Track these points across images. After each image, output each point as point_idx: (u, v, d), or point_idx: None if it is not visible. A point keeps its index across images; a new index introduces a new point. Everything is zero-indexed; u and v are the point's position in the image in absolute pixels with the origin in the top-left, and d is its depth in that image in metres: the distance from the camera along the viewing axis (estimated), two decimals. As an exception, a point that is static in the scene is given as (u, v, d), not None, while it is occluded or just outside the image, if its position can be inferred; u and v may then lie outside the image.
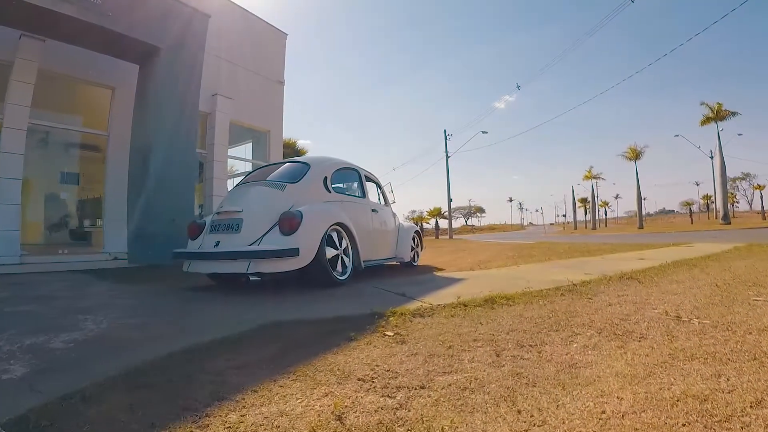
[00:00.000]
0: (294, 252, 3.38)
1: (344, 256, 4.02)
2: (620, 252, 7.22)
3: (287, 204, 3.75)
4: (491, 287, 3.30)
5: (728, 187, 56.06)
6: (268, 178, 4.33)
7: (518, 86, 24.48)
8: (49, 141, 9.79)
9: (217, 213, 4.02)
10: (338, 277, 3.83)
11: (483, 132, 29.07)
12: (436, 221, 31.11)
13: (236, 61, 11.19)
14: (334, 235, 3.90)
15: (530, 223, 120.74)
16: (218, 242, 3.73)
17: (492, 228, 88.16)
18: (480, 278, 4.14)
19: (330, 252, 3.78)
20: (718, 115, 25.18)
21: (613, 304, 2.59)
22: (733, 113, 25.08)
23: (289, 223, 3.48)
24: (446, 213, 30.20)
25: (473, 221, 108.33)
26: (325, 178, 4.30)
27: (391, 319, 2.32)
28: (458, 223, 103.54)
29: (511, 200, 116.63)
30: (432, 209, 31.19)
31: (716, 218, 48.08)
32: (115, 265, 7.23)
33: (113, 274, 5.69)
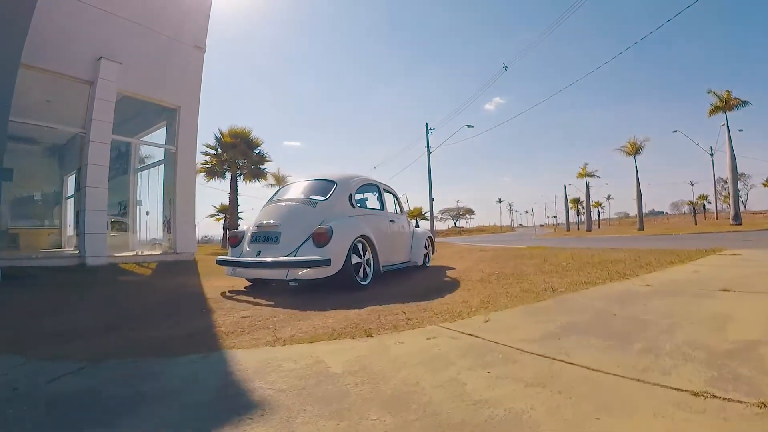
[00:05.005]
0: (327, 262, 3.77)
1: (366, 265, 4.36)
2: (656, 267, 4.60)
3: (319, 219, 4.21)
4: None
5: (719, 188, 54.30)
6: (300, 195, 4.72)
7: (505, 67, 21.91)
8: None
9: (257, 226, 4.43)
10: (361, 282, 4.19)
11: (468, 126, 26.44)
12: (416, 222, 28.32)
13: (134, 17, 8.46)
14: (359, 246, 4.29)
15: (520, 224, 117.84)
16: (260, 252, 4.19)
17: (481, 230, 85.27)
18: None
19: (354, 260, 4.16)
20: (727, 105, 22.31)
21: None
22: (744, 102, 22.57)
23: (322, 236, 3.89)
24: (428, 214, 27.48)
25: (462, 223, 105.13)
26: (350, 195, 4.70)
27: None
28: (447, 224, 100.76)
29: (500, 201, 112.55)
30: (412, 209, 28.29)
31: (716, 218, 46.16)
32: None
33: None
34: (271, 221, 4.32)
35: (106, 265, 7.30)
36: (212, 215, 31.21)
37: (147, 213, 10.47)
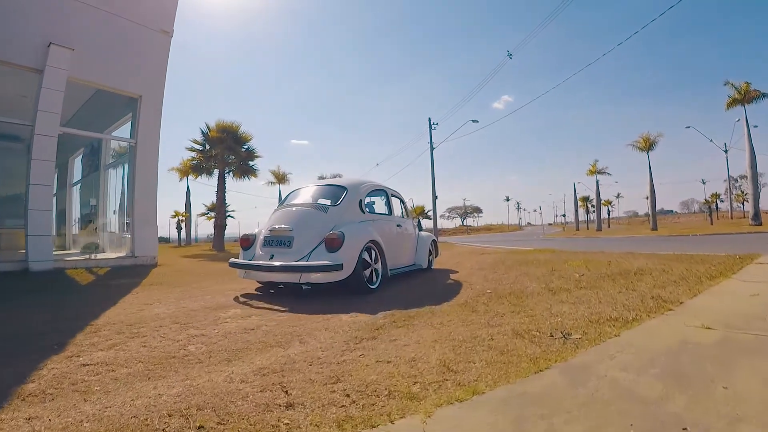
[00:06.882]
0: (339, 267, 3.86)
1: (375, 268, 4.39)
2: (695, 284, 3.57)
3: (330, 224, 4.30)
4: None
5: (731, 187, 52.10)
6: (311, 201, 4.85)
7: (510, 55, 20.65)
8: None
9: (270, 230, 4.45)
10: (371, 285, 4.24)
11: (473, 121, 25.36)
12: (419, 221, 27.22)
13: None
14: (369, 251, 4.33)
15: (528, 223, 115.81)
16: (273, 255, 4.23)
17: (489, 228, 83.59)
18: None
19: (364, 264, 4.21)
20: (746, 97, 20.67)
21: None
22: (764, 94, 20.83)
23: (334, 242, 4.00)
24: (430, 212, 26.37)
25: (469, 221, 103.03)
26: (360, 200, 4.79)
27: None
28: (454, 223, 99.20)
29: (508, 199, 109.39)
30: (414, 207, 27.13)
31: (731, 218, 44.47)
32: None
33: None
34: (284, 226, 4.39)
35: (50, 271, 6.44)
36: (203, 214, 30.43)
37: (114, 212, 9.64)
